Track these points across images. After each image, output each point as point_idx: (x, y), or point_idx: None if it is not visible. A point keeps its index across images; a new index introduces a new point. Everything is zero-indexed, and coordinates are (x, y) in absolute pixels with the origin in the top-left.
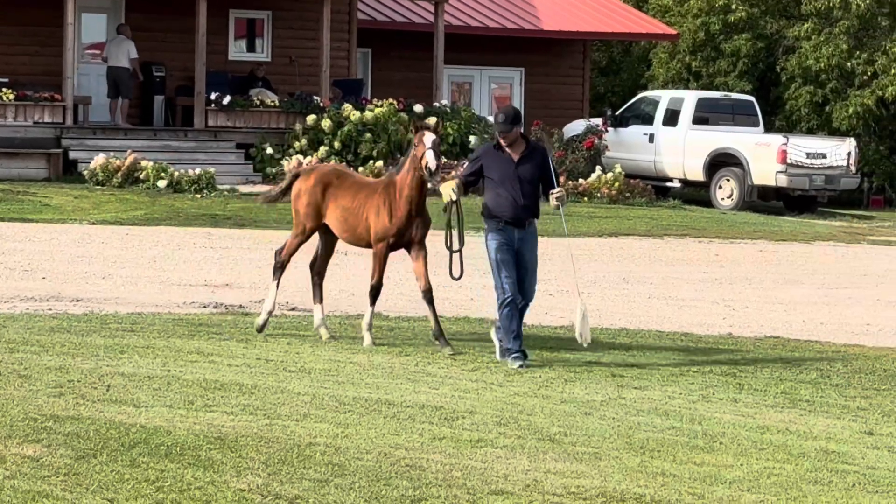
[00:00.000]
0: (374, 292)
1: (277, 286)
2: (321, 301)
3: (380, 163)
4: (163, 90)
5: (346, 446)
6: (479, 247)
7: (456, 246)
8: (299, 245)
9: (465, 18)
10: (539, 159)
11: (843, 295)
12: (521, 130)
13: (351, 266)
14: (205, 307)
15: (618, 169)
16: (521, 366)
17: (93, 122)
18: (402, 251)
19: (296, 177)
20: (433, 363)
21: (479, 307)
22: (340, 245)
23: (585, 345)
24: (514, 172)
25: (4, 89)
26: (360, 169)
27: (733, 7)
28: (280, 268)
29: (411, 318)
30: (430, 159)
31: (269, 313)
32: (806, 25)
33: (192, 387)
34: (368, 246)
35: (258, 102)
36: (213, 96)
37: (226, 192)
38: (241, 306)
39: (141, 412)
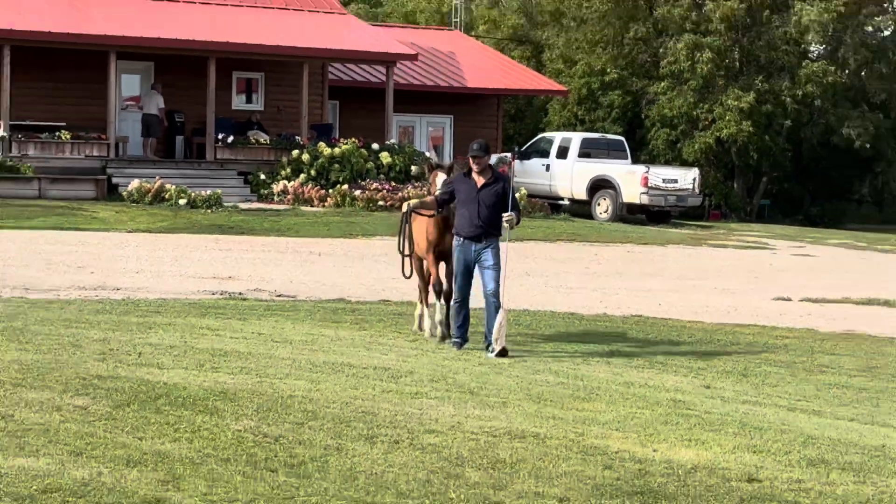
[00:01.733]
0: (435, 291)
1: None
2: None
3: (345, 186)
4: (182, 132)
5: (317, 398)
6: None
7: (407, 251)
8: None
9: (409, 79)
10: (500, 188)
11: (689, 284)
12: (490, 162)
13: (320, 263)
14: (213, 294)
15: (523, 191)
16: (455, 346)
17: (130, 156)
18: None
19: None
20: (384, 336)
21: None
22: (314, 247)
23: (495, 350)
24: (475, 196)
25: (63, 131)
26: (330, 191)
27: (608, 70)
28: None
29: (368, 302)
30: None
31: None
32: (663, 84)
33: (203, 353)
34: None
35: (254, 141)
36: (220, 136)
37: (230, 208)
38: (240, 293)
39: (164, 373)
